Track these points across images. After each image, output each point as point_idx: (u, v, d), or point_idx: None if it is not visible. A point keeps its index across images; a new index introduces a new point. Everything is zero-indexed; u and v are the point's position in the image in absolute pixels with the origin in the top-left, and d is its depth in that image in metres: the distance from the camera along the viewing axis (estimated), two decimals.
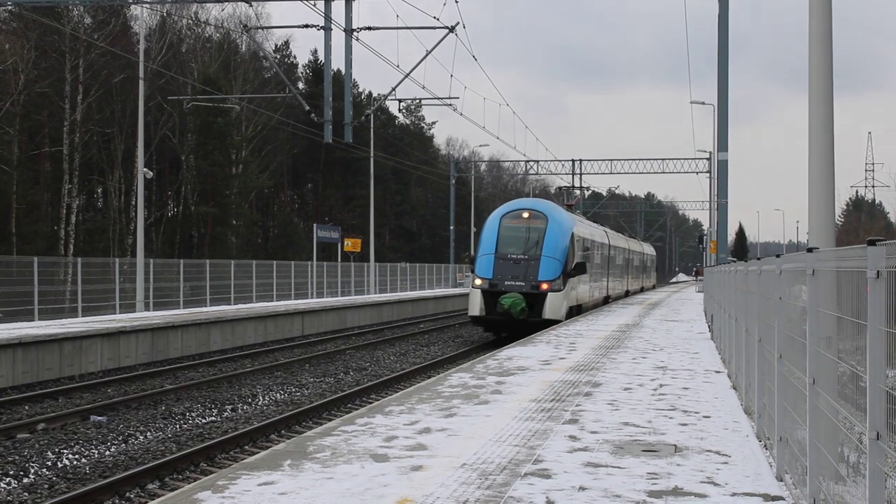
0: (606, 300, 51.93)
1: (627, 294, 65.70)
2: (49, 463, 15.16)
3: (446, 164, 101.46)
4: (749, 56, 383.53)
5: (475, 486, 8.95)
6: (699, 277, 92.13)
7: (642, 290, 78.15)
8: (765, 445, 11.07)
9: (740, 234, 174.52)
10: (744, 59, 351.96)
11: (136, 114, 45.04)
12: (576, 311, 40.12)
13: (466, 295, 49.50)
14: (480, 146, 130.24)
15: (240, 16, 77.19)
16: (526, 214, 38.05)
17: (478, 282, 36.35)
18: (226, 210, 72.37)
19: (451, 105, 49.10)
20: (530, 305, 35.35)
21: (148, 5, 46.81)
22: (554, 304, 35.93)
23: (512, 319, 35.17)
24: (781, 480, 9.34)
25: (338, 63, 42.79)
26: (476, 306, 36.27)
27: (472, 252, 36.97)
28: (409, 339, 40.10)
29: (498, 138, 60.46)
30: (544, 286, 35.79)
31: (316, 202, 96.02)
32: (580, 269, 39.08)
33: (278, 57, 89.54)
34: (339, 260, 64.22)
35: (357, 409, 13.36)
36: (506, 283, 35.77)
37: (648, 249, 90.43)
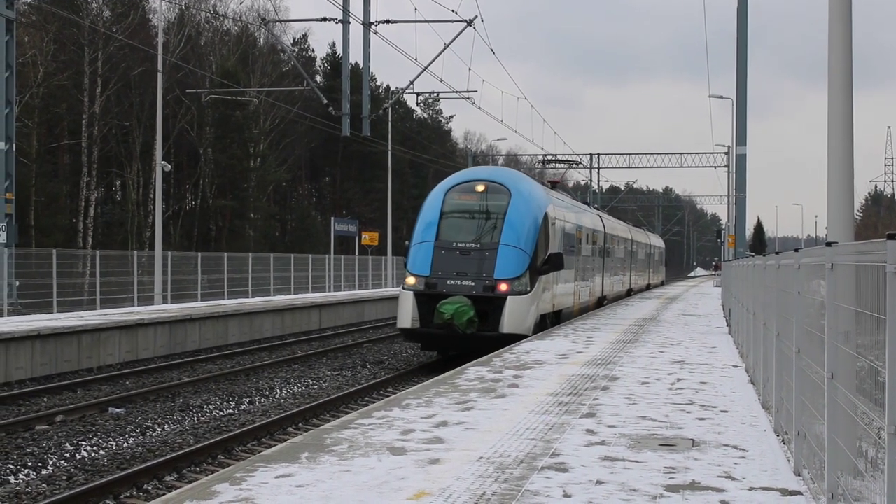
0: (601, 302, 42.76)
1: (630, 293, 56.29)
2: (67, 454, 15.23)
3: (464, 157, 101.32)
4: (767, 50, 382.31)
5: (492, 480, 8.94)
6: (718, 272, 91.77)
7: (649, 287, 69.34)
8: (782, 440, 11.04)
9: (758, 228, 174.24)
10: (761, 53, 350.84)
11: (154, 107, 45.13)
12: (553, 319, 29.87)
13: None
14: (498, 140, 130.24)
15: (258, 9, 77.52)
16: (481, 188, 27.38)
17: (410, 281, 26.33)
18: (244, 203, 72.53)
19: (468, 98, 49.05)
20: (482, 314, 25.20)
21: None
22: (516, 312, 25.52)
23: (457, 334, 24.93)
24: (799, 475, 9.31)
25: (356, 56, 42.79)
26: (407, 315, 25.96)
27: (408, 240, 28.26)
28: None
29: (516, 132, 61.07)
30: (503, 287, 25.47)
31: (333, 196, 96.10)
32: (555, 262, 28.16)
33: (296, 50, 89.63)
34: (357, 253, 64.26)
35: (374, 402, 13.38)
36: (449, 282, 25.67)
37: (656, 241, 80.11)
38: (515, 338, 24.64)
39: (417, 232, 27.17)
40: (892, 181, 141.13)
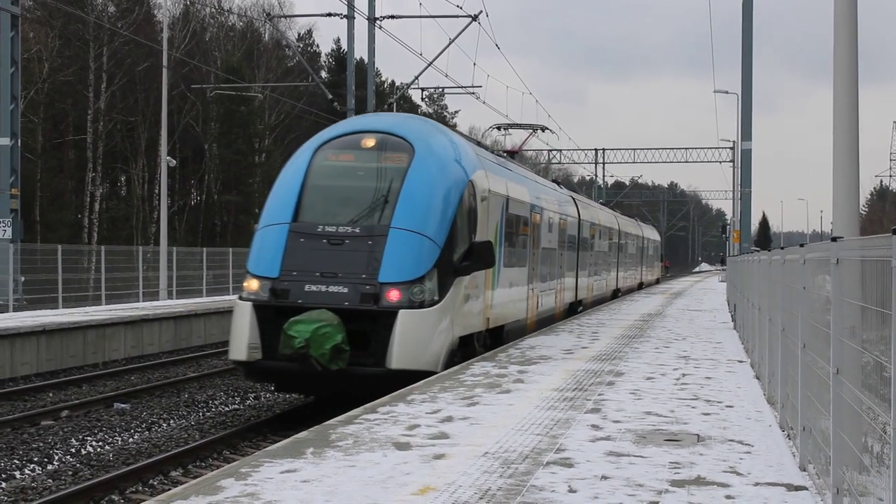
0: (575, 308, 33.66)
1: (617, 294, 47.49)
2: (73, 450, 15.25)
3: None
4: (771, 45, 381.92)
5: (497, 475, 8.95)
6: (723, 267, 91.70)
7: (641, 286, 60.68)
8: (788, 435, 11.03)
9: (763, 223, 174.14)
10: (766, 48, 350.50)
11: (159, 102, 45.18)
12: (485, 341, 20.39)
13: None
14: (503, 135, 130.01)
15: (263, 4, 77.42)
16: (369, 142, 18.46)
17: (251, 286, 17.36)
18: (249, 198, 72.54)
19: (473, 93, 49.00)
20: (359, 339, 16.24)
21: None
22: (414, 335, 16.57)
23: (316, 372, 15.83)
24: (804, 470, 9.31)
25: (361, 52, 42.92)
26: (241, 341, 16.97)
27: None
28: None
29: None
30: (392, 294, 16.61)
31: None
32: (484, 255, 18.61)
33: (301, 45, 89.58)
34: None
35: (379, 398, 13.37)
36: (308, 287, 16.68)
37: (650, 233, 70.57)
38: (413, 377, 15.54)
39: (267, 211, 18.09)
40: None
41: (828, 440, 7.84)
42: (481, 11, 34.71)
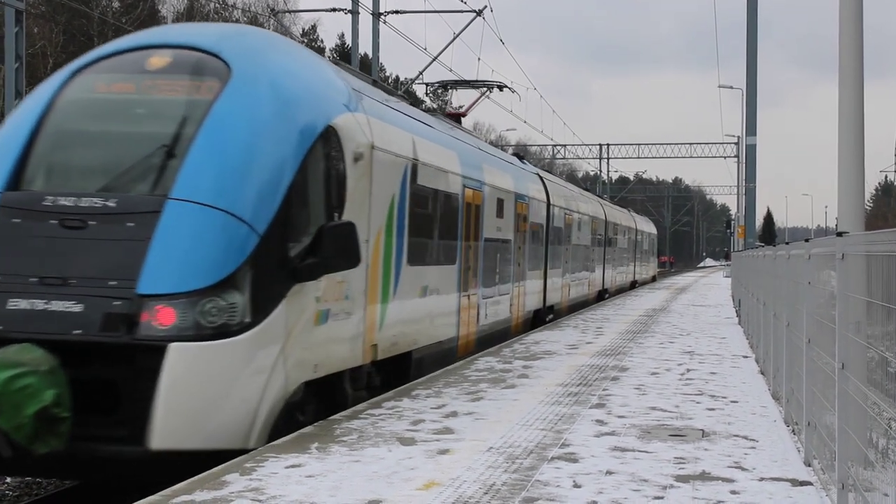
0: (543, 314, 27.22)
1: (604, 295, 41.43)
2: None
3: None
4: (775, 39, 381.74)
5: (502, 470, 8.95)
6: (728, 262, 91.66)
7: (635, 285, 55.04)
8: (793, 430, 11.03)
9: (768, 218, 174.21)
10: (770, 42, 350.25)
11: None
12: (372, 380, 13.58)
13: None
14: (507, 130, 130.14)
15: None
16: (159, 62, 11.42)
17: None
18: None
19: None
20: (96, 395, 9.47)
21: None
22: (199, 389, 9.71)
23: (19, 454, 8.96)
24: (809, 465, 9.31)
25: (365, 47, 42.84)
26: None
27: None
28: None
29: (525, 122, 60.26)
30: (161, 316, 9.60)
31: None
32: (337, 247, 11.23)
33: (306, 41, 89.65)
34: None
35: (384, 392, 13.37)
36: (11, 303, 9.69)
37: (645, 225, 63.90)
38: (202, 461, 9.35)
39: None
40: None
41: (833, 435, 7.83)
42: (486, 6, 34.60)
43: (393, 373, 14.53)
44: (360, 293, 12.68)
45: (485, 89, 27.37)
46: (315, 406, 11.60)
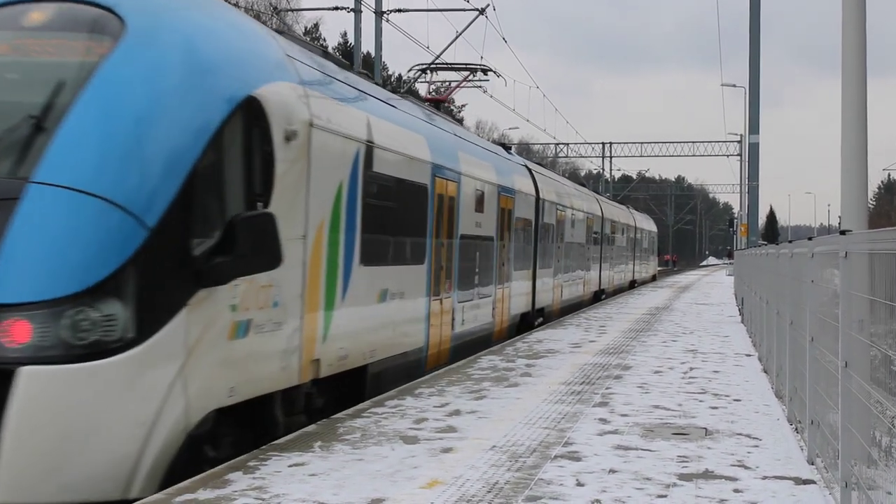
0: (532, 318, 25.36)
1: (600, 296, 40.03)
2: None
3: None
4: (777, 37, 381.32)
5: (505, 469, 8.95)
6: (731, 260, 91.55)
7: (634, 284, 53.39)
8: (796, 429, 11.03)
9: (771, 217, 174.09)
10: (772, 41, 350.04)
11: None
12: (312, 401, 11.52)
13: None
14: (510, 129, 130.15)
15: None
16: (37, 16, 9.15)
17: None
18: None
19: (480, 87, 48.94)
20: None
21: None
22: (62, 424, 7.67)
23: None
24: (812, 464, 9.30)
25: (367, 45, 42.80)
26: None
27: None
28: None
29: (528, 121, 60.28)
30: (14, 331, 7.57)
31: None
32: (252, 242, 9.06)
33: (308, 39, 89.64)
34: None
35: (387, 391, 13.38)
36: None
37: (645, 223, 61.58)
38: None
39: None
40: None
41: (836, 434, 7.83)
42: (488, 5, 34.55)
43: (344, 391, 12.60)
44: (294, 299, 10.58)
45: (467, 73, 25.84)
46: (234, 438, 9.70)
